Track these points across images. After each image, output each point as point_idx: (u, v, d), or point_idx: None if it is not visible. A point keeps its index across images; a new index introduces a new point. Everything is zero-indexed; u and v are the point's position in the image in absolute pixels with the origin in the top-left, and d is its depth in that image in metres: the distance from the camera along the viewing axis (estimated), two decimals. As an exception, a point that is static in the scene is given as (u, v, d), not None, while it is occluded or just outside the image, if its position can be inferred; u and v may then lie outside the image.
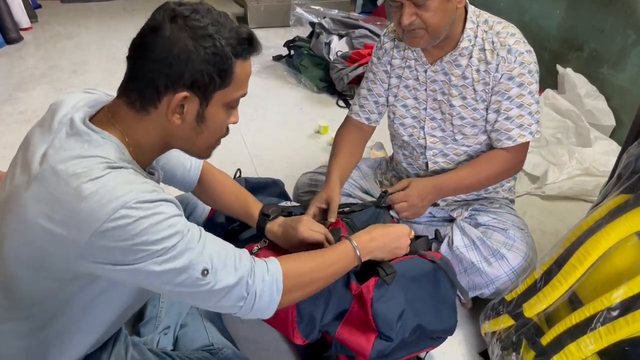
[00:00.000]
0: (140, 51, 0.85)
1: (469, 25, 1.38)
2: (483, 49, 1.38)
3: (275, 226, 1.26)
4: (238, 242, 1.36)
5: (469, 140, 1.49)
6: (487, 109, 1.43)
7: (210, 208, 1.52)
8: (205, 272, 0.85)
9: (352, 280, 1.16)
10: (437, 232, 1.45)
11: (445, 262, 1.26)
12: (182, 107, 0.87)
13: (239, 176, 1.59)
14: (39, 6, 4.16)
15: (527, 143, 1.44)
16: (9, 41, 3.45)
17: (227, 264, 0.88)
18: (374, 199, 1.67)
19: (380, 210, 1.41)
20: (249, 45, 0.89)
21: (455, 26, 1.37)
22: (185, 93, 0.85)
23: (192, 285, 0.85)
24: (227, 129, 0.98)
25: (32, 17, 3.79)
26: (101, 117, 0.90)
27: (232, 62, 0.86)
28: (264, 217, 1.27)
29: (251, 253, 1.20)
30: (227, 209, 1.32)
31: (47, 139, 0.86)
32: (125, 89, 0.88)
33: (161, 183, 1.08)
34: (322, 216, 1.37)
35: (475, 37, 1.38)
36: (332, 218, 1.34)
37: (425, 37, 1.33)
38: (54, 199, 0.80)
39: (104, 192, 0.78)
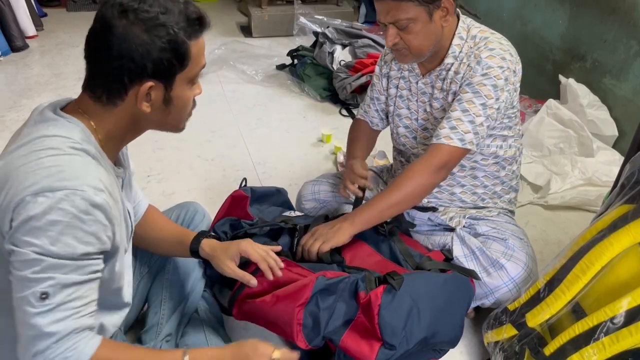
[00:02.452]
0: (98, 51, 0.89)
1: (455, 41, 1.39)
2: (461, 63, 1.39)
3: (213, 241, 1.24)
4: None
5: None
6: None
7: (212, 216, 1.53)
8: (44, 296, 0.81)
9: (360, 289, 1.16)
10: (445, 252, 1.45)
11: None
12: (149, 95, 0.91)
13: (245, 185, 1.60)
14: (45, 14, 4.19)
15: (453, 150, 1.33)
16: (14, 49, 3.47)
17: (66, 314, 0.83)
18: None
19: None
20: (200, 25, 0.93)
21: (444, 41, 1.39)
22: (150, 83, 0.90)
23: (23, 301, 0.81)
24: (194, 102, 1.02)
25: (38, 25, 3.81)
26: (70, 107, 0.94)
27: (187, 45, 0.91)
28: (201, 235, 1.25)
29: (253, 273, 1.21)
30: (164, 245, 1.29)
31: (20, 132, 0.91)
32: (89, 85, 0.92)
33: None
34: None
35: (460, 52, 1.40)
36: (361, 182, 1.47)
37: (409, 56, 1.38)
38: (8, 173, 0.83)
39: (57, 169, 0.81)
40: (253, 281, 1.16)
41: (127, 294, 1.11)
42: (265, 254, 1.21)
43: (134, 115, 0.94)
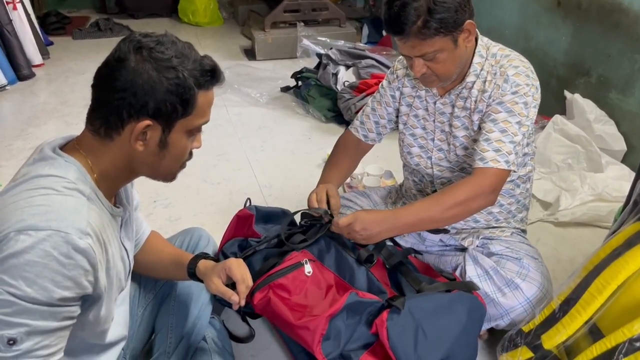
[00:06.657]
0: (105, 80, 0.89)
1: (476, 59, 1.39)
2: (485, 81, 1.38)
3: (209, 262, 1.22)
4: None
5: None
6: None
7: (218, 242, 1.52)
8: (11, 342, 0.78)
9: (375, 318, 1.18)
10: (447, 274, 1.43)
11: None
12: (144, 134, 0.90)
13: (249, 205, 1.59)
14: (51, 43, 4.25)
15: (501, 173, 1.33)
16: (21, 78, 3.52)
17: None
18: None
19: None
20: (212, 77, 0.93)
21: (465, 60, 1.38)
22: (147, 121, 0.89)
23: None
24: (191, 153, 1.01)
25: (44, 53, 3.86)
26: (69, 146, 0.94)
27: (194, 92, 0.90)
28: (198, 257, 1.23)
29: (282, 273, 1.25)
30: (163, 268, 1.28)
31: (20, 170, 0.91)
32: (90, 117, 0.92)
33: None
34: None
35: (482, 70, 1.39)
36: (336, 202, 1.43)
37: (436, 81, 1.37)
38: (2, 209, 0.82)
39: (45, 209, 0.80)
40: (235, 297, 1.12)
41: (113, 333, 1.07)
42: (247, 277, 1.16)
43: (129, 154, 0.93)
